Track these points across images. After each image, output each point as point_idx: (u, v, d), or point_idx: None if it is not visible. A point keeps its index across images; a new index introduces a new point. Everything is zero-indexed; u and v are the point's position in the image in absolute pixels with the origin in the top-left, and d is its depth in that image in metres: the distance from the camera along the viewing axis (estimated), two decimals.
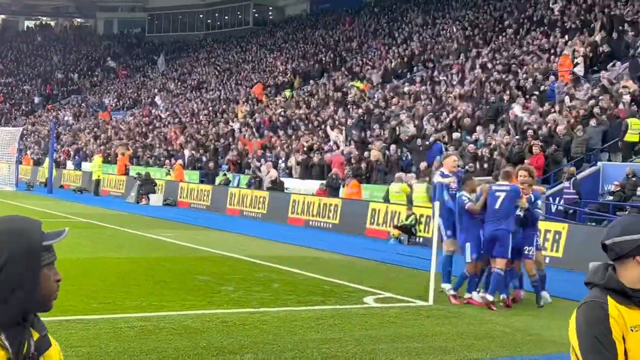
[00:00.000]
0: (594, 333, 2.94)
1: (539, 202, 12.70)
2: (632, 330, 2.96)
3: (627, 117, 22.28)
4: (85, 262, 14.67)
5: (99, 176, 37.88)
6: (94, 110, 62.50)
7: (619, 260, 3.04)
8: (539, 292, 11.96)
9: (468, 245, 11.76)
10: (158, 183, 34.49)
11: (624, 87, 24.49)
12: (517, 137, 24.27)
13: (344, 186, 26.51)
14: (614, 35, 29.41)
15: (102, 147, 46.68)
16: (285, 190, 29.33)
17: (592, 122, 23.12)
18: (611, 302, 2.98)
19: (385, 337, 9.20)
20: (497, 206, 11.57)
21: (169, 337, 8.68)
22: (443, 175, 12.52)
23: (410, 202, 22.44)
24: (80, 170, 44.25)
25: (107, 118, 57.66)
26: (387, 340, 9.04)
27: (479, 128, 26.59)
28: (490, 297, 11.56)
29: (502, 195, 11.61)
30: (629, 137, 21.97)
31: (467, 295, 11.93)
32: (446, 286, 12.27)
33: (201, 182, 34.68)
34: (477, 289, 12.06)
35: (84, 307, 10.16)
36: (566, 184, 20.82)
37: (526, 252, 11.90)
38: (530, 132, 23.74)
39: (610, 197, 20.50)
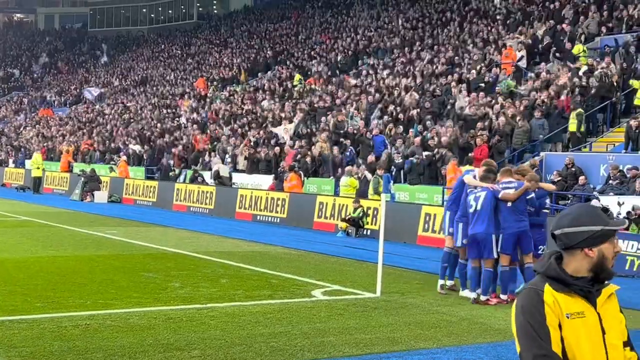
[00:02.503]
0: (527, 319, 3.01)
1: (547, 200, 12.65)
2: (567, 317, 3.01)
3: (570, 108, 22.85)
4: (28, 261, 14.41)
5: (39, 172, 37.20)
6: (36, 107, 61.31)
7: (568, 250, 3.12)
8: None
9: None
10: (103, 180, 34.02)
11: (558, 79, 25.04)
12: (461, 128, 24.52)
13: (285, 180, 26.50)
14: (550, 24, 29.91)
15: (44, 145, 45.81)
16: (232, 185, 29.19)
17: (535, 113, 23.51)
18: (547, 289, 3.05)
19: (333, 330, 9.22)
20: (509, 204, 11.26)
21: (114, 334, 8.56)
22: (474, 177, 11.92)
23: (358, 195, 22.53)
24: (23, 168, 43.43)
25: (49, 114, 56.60)
26: (335, 333, 9.06)
27: (423, 120, 26.77)
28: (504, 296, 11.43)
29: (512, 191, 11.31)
30: (572, 127, 22.57)
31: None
32: (441, 282, 12.16)
33: (148, 178, 34.28)
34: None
35: (27, 306, 9.97)
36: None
37: (540, 251, 11.74)
38: (476, 123, 24.02)
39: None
